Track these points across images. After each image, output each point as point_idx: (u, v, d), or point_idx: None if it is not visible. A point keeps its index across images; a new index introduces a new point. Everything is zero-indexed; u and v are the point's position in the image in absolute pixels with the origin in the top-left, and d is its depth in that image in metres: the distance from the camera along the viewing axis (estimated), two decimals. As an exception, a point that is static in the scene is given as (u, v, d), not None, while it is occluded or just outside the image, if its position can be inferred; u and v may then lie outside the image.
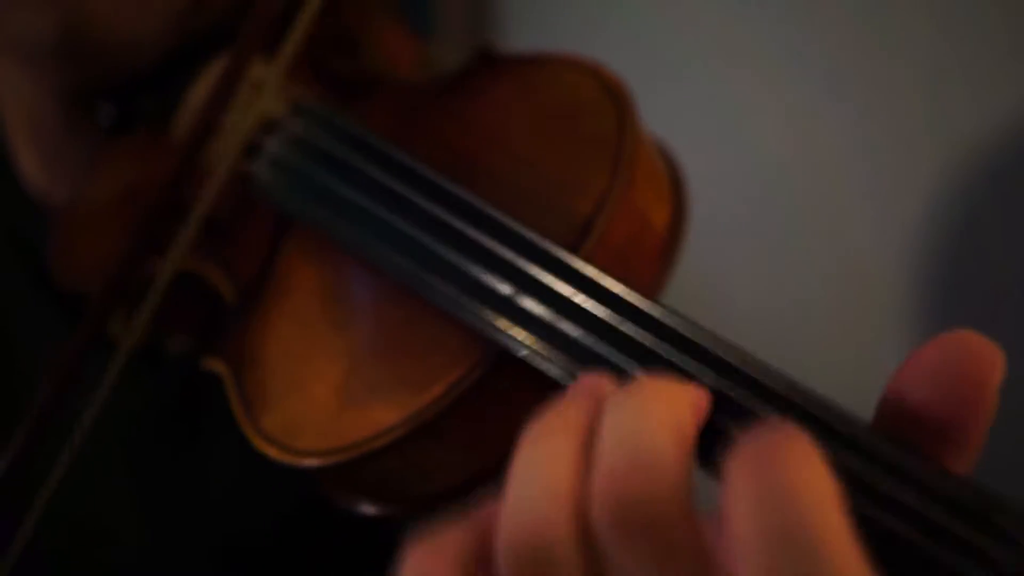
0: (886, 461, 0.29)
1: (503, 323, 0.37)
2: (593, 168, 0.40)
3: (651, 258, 0.41)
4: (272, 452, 0.40)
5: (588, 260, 0.37)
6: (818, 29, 0.99)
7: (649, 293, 0.39)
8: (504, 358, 0.37)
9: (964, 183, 0.95)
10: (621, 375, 0.34)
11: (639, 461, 0.26)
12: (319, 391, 0.40)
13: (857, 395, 0.33)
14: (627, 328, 0.35)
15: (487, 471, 0.39)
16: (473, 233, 0.39)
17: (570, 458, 0.28)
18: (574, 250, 0.38)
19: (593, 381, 0.31)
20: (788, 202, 1.04)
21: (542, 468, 0.28)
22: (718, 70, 1.03)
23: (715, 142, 0.97)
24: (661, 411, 0.27)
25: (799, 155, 1.02)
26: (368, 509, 0.41)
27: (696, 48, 1.04)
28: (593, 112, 0.42)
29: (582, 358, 0.35)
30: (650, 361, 0.34)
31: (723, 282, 1.02)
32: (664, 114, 0.43)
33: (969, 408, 0.29)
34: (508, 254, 0.38)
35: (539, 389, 0.37)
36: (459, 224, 0.39)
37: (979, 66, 0.92)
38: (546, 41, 0.50)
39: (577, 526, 0.27)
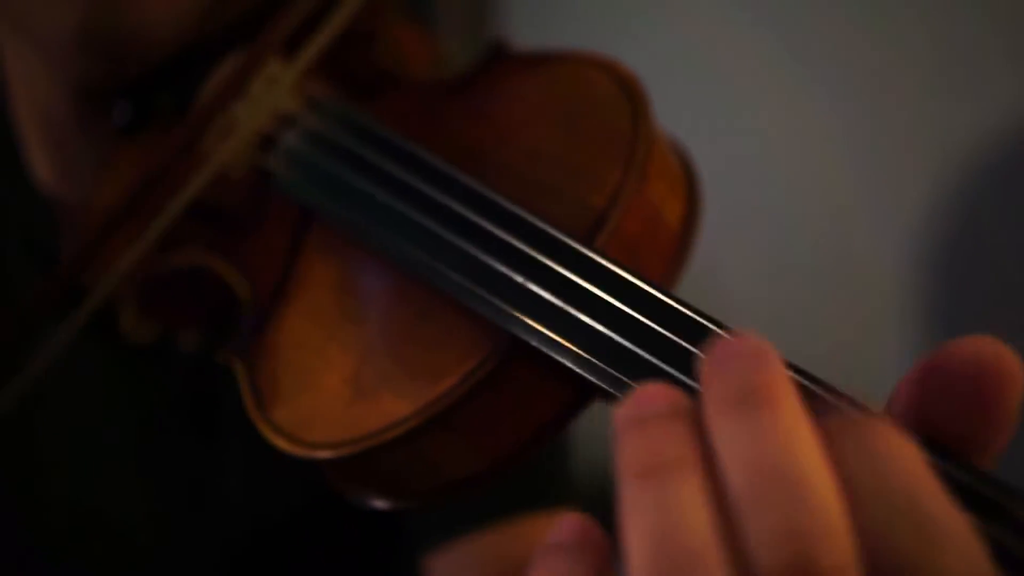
0: None
1: (516, 312, 0.37)
2: (607, 163, 0.40)
3: (664, 252, 0.41)
4: (283, 444, 0.40)
5: (601, 253, 0.37)
6: (819, 29, 1.00)
7: (662, 285, 0.39)
8: (517, 349, 0.37)
9: (963, 182, 0.95)
10: (637, 364, 0.34)
11: (798, 511, 0.24)
12: (332, 383, 0.40)
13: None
14: (641, 317, 0.35)
15: (501, 463, 0.39)
16: (486, 224, 0.39)
17: (702, 504, 0.25)
18: (588, 243, 0.38)
19: (662, 394, 0.27)
20: (787, 202, 1.04)
21: (674, 519, 0.24)
22: (718, 70, 1.03)
23: (714, 141, 0.97)
24: (802, 435, 0.25)
25: (797, 155, 1.02)
26: (379, 502, 0.41)
27: (696, 47, 1.05)
28: (608, 108, 0.43)
29: (595, 347, 0.35)
30: (663, 349, 0.34)
31: (722, 281, 1.02)
32: (663, 111, 0.44)
33: (990, 427, 0.28)
34: (520, 244, 0.38)
35: (554, 379, 0.37)
36: (472, 215, 0.40)
37: (978, 66, 0.92)
38: (546, 36, 0.51)
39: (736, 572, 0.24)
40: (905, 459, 0.24)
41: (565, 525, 0.27)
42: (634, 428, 0.26)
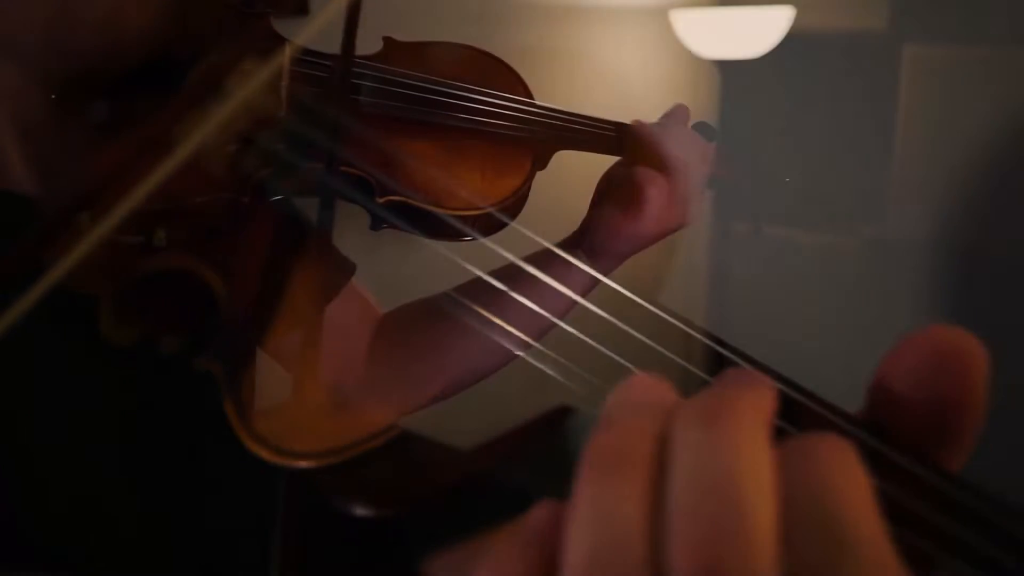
0: (882, 460, 0.28)
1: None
2: None
3: None
4: (265, 454, 0.39)
5: None
6: (823, 30, 0.99)
7: None
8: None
9: (967, 183, 0.95)
10: None
11: (724, 523, 0.24)
12: (314, 392, 0.40)
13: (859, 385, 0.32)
14: None
15: (483, 472, 0.39)
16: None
17: (640, 498, 0.26)
18: None
19: (652, 388, 0.29)
20: (793, 203, 1.04)
21: (611, 510, 0.26)
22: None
23: (718, 142, 0.96)
24: (751, 453, 0.25)
25: (800, 155, 1.01)
26: (364, 510, 0.41)
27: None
28: None
29: None
30: None
31: (728, 284, 1.01)
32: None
33: (954, 406, 0.28)
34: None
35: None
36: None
37: (979, 66, 0.92)
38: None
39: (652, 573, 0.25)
40: (845, 478, 0.25)
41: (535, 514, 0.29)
42: (615, 418, 0.28)
